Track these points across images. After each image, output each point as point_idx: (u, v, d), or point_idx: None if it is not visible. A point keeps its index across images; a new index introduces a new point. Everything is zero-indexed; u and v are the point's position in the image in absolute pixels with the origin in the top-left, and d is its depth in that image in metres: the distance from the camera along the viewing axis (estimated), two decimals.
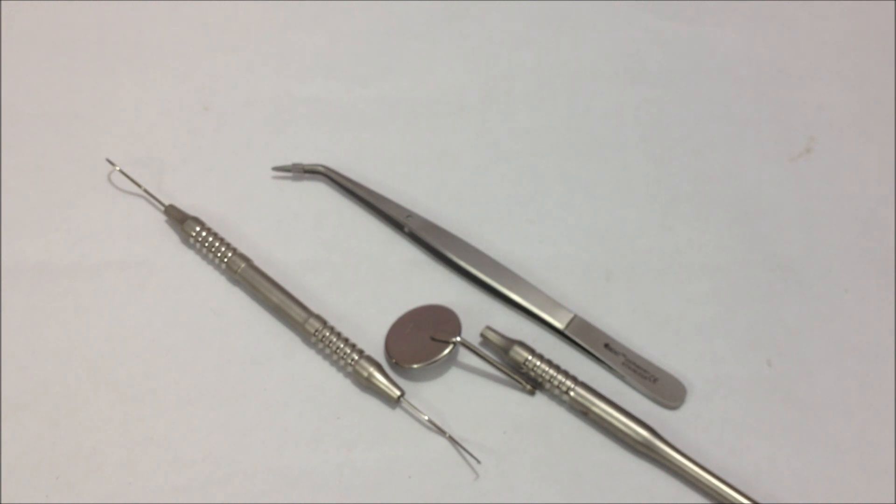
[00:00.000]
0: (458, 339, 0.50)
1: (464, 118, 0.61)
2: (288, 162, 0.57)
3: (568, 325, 0.52)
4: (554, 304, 0.53)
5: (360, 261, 0.55)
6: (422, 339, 0.51)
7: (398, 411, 0.50)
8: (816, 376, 0.51)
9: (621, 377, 0.51)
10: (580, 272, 0.55)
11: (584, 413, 0.49)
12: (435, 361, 0.50)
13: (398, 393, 0.49)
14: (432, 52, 0.64)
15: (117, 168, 0.56)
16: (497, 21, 0.66)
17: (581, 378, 0.50)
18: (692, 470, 0.47)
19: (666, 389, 0.50)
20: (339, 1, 0.66)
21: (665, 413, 0.50)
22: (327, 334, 0.50)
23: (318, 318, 0.51)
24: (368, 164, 0.58)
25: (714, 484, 0.47)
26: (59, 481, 0.47)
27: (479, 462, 0.48)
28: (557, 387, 0.49)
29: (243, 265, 0.52)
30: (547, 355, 0.50)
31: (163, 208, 0.55)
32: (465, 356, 0.51)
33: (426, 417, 0.49)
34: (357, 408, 0.50)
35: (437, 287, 0.54)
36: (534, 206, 0.57)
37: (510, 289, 0.53)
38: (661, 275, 0.55)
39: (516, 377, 0.50)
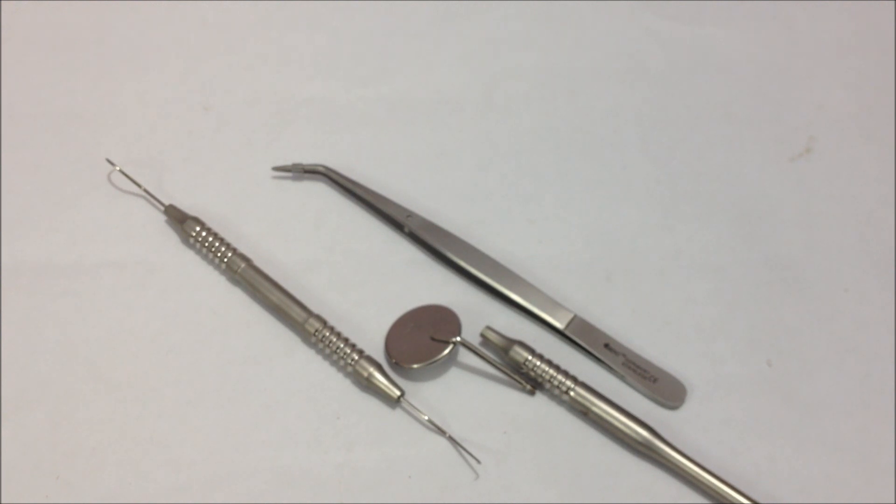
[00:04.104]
0: (458, 339, 0.50)
1: (464, 118, 0.61)
2: (288, 162, 0.57)
3: (568, 325, 0.52)
4: (554, 304, 0.53)
5: (360, 261, 0.55)
6: (422, 339, 0.51)
7: (398, 411, 0.50)
8: (816, 376, 0.51)
9: (621, 377, 0.51)
10: (580, 272, 0.55)
11: (584, 413, 0.49)
12: (435, 361, 0.50)
13: (398, 393, 0.49)
14: (432, 52, 0.64)
15: (117, 168, 0.56)
16: (497, 21, 0.66)
17: (581, 378, 0.50)
18: (692, 470, 0.47)
19: (666, 389, 0.50)
20: (339, 1, 0.66)
21: (665, 413, 0.50)
22: (327, 334, 0.50)
23: (318, 318, 0.51)
24: (368, 164, 0.58)
25: (714, 484, 0.47)
26: (59, 481, 0.47)
27: (479, 462, 0.48)
28: (557, 387, 0.49)
29: (243, 265, 0.52)
30: (547, 355, 0.50)
31: (163, 208, 0.55)
32: (465, 356, 0.51)
33: (426, 417, 0.49)
34: (357, 408, 0.50)
35: (437, 287, 0.54)
36: (534, 206, 0.57)
37: (510, 289, 0.53)
38: (661, 275, 0.55)
39: (516, 377, 0.50)
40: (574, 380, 0.49)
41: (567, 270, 0.55)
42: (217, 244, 0.53)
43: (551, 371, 0.49)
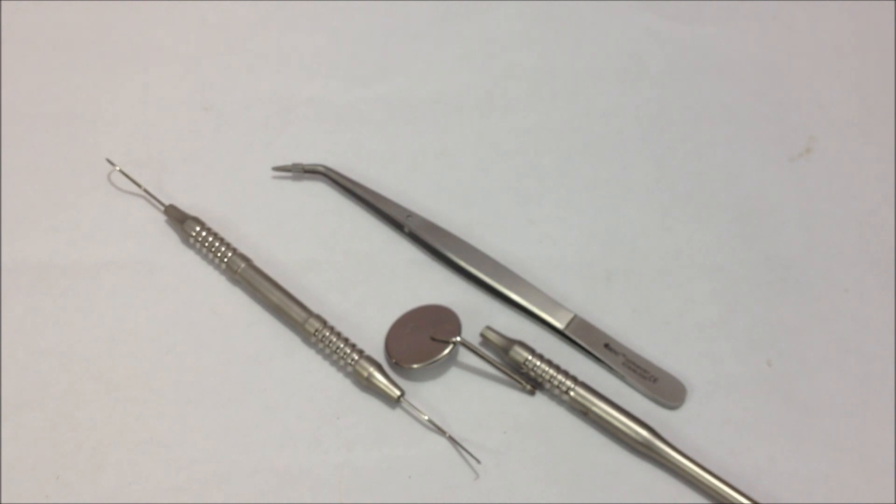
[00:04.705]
0: (458, 339, 0.50)
1: (464, 118, 0.61)
2: (288, 162, 0.57)
3: (568, 325, 0.52)
4: (554, 304, 0.53)
5: (360, 261, 0.55)
6: (422, 339, 0.51)
7: (398, 411, 0.50)
8: (816, 376, 0.51)
9: (621, 377, 0.51)
10: (580, 272, 0.55)
11: (584, 413, 0.49)
12: (435, 361, 0.50)
13: (398, 393, 0.49)
14: (432, 52, 0.64)
15: (117, 168, 0.56)
16: (497, 21, 0.65)
17: (581, 378, 0.50)
18: (692, 470, 0.47)
19: (666, 389, 0.50)
20: (339, 1, 0.66)
21: (665, 413, 0.50)
22: (327, 334, 0.50)
23: (318, 318, 0.51)
24: (368, 164, 0.58)
25: (714, 484, 0.47)
26: (59, 481, 0.47)
27: (479, 462, 0.48)
28: (557, 387, 0.49)
29: (243, 265, 0.52)
30: (547, 355, 0.50)
31: (163, 208, 0.55)
32: (465, 356, 0.51)
33: (426, 417, 0.49)
34: (357, 408, 0.50)
35: (437, 287, 0.54)
36: (534, 206, 0.57)
37: (510, 289, 0.53)
38: (661, 275, 0.55)
39: (516, 377, 0.50)
40: (574, 380, 0.49)
41: (567, 270, 0.55)
42: (217, 244, 0.53)
43: (551, 371, 0.49)
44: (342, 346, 0.50)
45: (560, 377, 0.49)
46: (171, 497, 0.47)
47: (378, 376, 0.49)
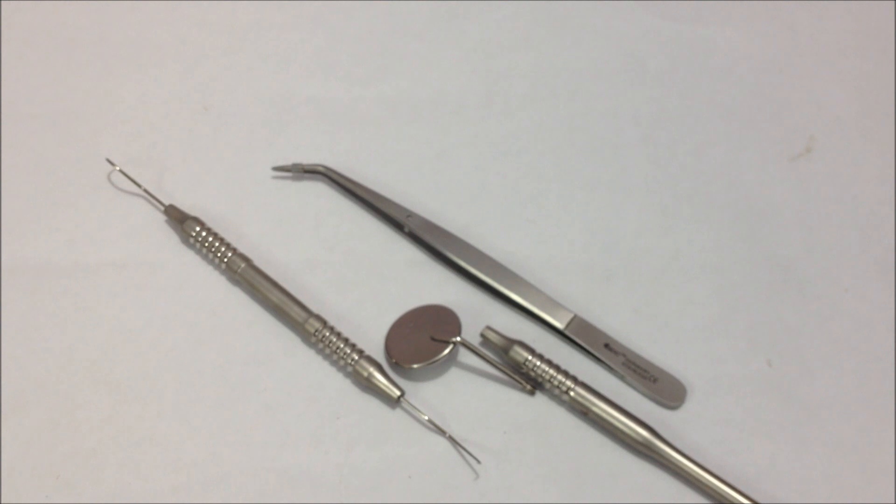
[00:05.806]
0: (458, 339, 0.50)
1: (464, 118, 0.61)
2: (288, 162, 0.57)
3: (568, 325, 0.52)
4: (554, 304, 0.53)
5: (360, 261, 0.55)
6: (422, 339, 0.51)
7: (398, 411, 0.50)
8: (816, 376, 0.51)
9: (621, 377, 0.51)
10: (580, 272, 0.55)
11: (584, 413, 0.49)
12: (435, 361, 0.50)
13: (398, 393, 0.49)
14: (432, 52, 0.64)
15: (117, 168, 0.56)
16: (497, 21, 0.65)
17: (581, 378, 0.50)
18: (692, 470, 0.47)
19: (666, 389, 0.50)
20: (339, 1, 0.66)
21: (665, 413, 0.50)
22: (327, 334, 0.50)
23: (318, 318, 0.51)
24: (368, 164, 0.58)
25: (714, 484, 0.47)
26: (59, 481, 0.47)
27: (479, 462, 0.48)
28: (557, 387, 0.49)
29: (243, 265, 0.52)
30: (547, 355, 0.50)
31: (163, 208, 0.55)
32: (465, 356, 0.51)
33: (426, 417, 0.49)
34: (357, 408, 0.50)
35: (437, 287, 0.54)
36: (534, 206, 0.57)
37: (510, 289, 0.53)
38: (661, 275, 0.55)
39: (516, 377, 0.50)
40: (574, 380, 0.49)
41: (567, 270, 0.55)
42: (217, 244, 0.53)
43: (551, 371, 0.49)
44: (342, 346, 0.50)
45: (560, 377, 0.49)
46: (171, 497, 0.47)
47: (378, 376, 0.49)
